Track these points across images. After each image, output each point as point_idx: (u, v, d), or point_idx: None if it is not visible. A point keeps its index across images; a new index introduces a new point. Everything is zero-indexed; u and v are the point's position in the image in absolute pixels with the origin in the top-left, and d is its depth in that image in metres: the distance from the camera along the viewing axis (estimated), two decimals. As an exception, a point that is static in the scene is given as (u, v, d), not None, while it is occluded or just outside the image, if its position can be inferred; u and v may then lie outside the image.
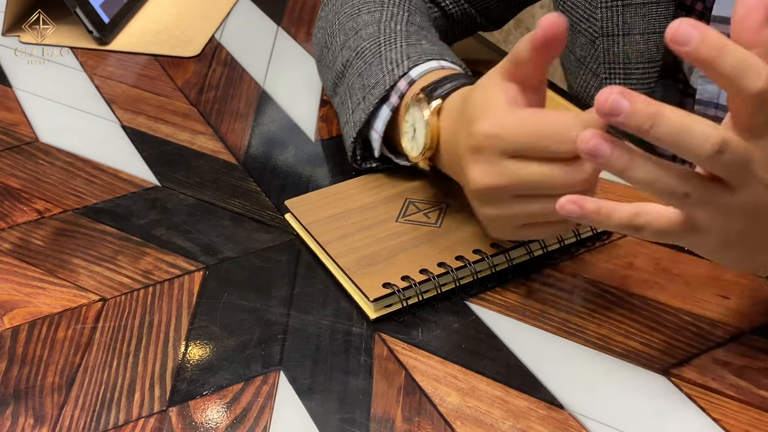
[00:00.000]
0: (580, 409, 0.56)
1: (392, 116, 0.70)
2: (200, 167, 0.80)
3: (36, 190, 0.77)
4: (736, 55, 0.45)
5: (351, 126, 0.72)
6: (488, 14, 0.87)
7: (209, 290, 0.66)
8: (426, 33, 0.76)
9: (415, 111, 0.66)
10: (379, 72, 0.71)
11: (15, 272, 0.68)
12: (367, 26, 0.76)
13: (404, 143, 0.68)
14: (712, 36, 0.45)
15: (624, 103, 0.45)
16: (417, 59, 0.70)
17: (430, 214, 0.69)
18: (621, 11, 0.79)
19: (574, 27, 0.85)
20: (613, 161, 0.47)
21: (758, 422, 0.55)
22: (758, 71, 0.45)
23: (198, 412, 0.57)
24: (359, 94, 0.72)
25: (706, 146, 0.46)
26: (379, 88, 0.70)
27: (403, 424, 0.55)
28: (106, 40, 1.01)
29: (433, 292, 0.64)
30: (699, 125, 0.46)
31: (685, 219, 0.50)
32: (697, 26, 0.45)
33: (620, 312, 0.63)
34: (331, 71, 0.79)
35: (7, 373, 0.60)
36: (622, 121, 0.45)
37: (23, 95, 0.92)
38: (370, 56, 0.73)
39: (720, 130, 0.46)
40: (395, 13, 0.77)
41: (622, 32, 0.80)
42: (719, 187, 0.49)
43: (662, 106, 0.46)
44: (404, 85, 0.70)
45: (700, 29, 0.45)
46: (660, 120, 0.45)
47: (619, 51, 0.81)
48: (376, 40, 0.74)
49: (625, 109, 0.45)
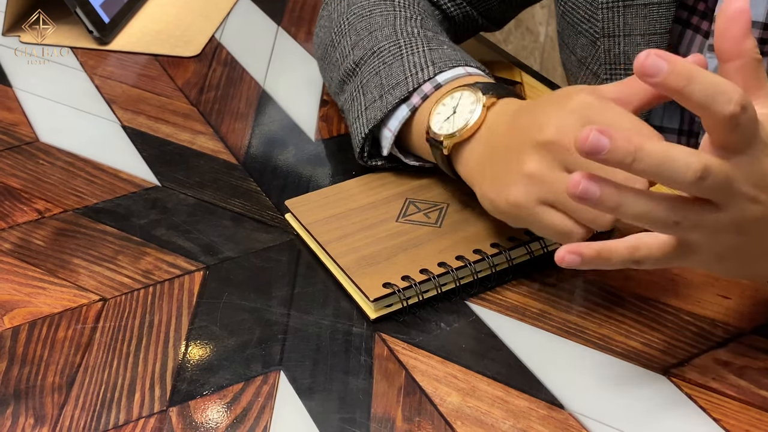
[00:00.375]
0: (581, 409, 0.56)
1: (410, 116, 0.71)
2: (200, 167, 0.80)
3: (36, 190, 0.77)
4: (705, 82, 0.47)
5: (363, 122, 0.73)
6: (490, 15, 0.87)
7: (209, 290, 0.66)
8: (443, 38, 0.76)
9: (468, 95, 0.66)
10: (400, 73, 0.72)
11: (15, 272, 0.68)
12: (383, 28, 0.76)
13: (433, 122, 0.67)
14: (680, 66, 0.46)
15: (604, 141, 0.46)
16: (443, 65, 0.71)
17: (430, 214, 0.69)
18: (622, 12, 0.79)
19: (575, 27, 0.85)
20: (603, 201, 0.49)
21: (759, 422, 0.55)
22: (728, 96, 0.47)
23: (198, 412, 0.57)
24: (375, 93, 0.72)
25: (688, 175, 0.47)
26: (400, 89, 0.71)
27: (403, 424, 0.55)
28: (106, 40, 1.01)
29: (433, 292, 0.64)
30: (680, 155, 0.48)
31: (679, 242, 0.52)
32: (665, 56, 0.46)
33: (620, 312, 0.63)
34: (337, 69, 0.79)
35: (8, 373, 0.60)
36: (603, 159, 0.47)
37: (23, 95, 0.92)
38: (389, 57, 0.73)
39: (701, 157, 0.48)
40: (408, 16, 0.77)
41: (623, 33, 0.80)
42: (707, 209, 0.50)
43: (643, 141, 0.47)
44: (429, 87, 0.70)
45: (668, 59, 0.46)
46: (641, 155, 0.47)
47: (620, 52, 0.81)
48: (395, 42, 0.74)
49: (605, 147, 0.46)
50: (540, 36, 2.04)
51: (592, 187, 0.48)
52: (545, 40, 2.02)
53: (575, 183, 0.49)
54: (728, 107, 0.47)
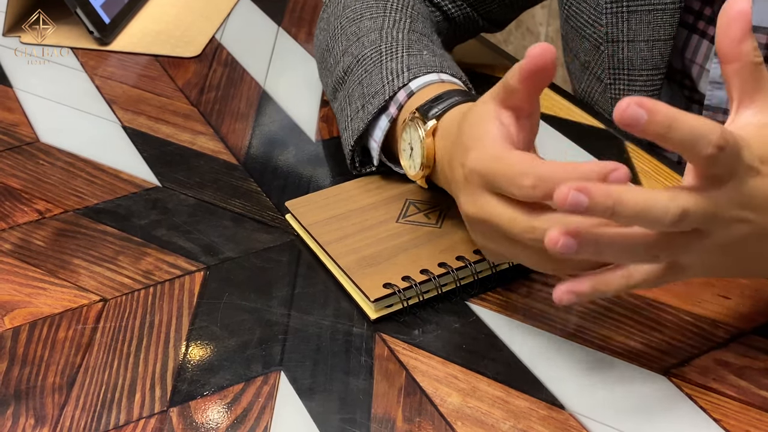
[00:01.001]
0: (581, 409, 0.56)
1: (391, 126, 0.70)
2: (201, 167, 0.80)
3: (37, 190, 0.77)
4: (684, 129, 0.47)
5: (349, 134, 0.73)
6: (490, 16, 0.87)
7: (210, 290, 0.66)
8: (428, 41, 0.75)
9: (412, 131, 0.66)
10: (378, 81, 0.71)
11: (16, 272, 0.68)
12: (369, 33, 0.75)
13: (403, 161, 0.69)
14: (659, 113, 0.46)
15: (582, 199, 0.47)
16: (417, 71, 0.70)
17: (430, 214, 0.69)
18: (626, 18, 0.79)
19: (579, 32, 0.84)
20: (581, 252, 0.49)
21: (759, 422, 0.55)
22: (707, 138, 0.47)
23: (199, 412, 0.57)
24: (358, 103, 0.72)
25: (666, 219, 0.48)
26: (378, 98, 0.70)
27: (403, 424, 0.56)
28: (106, 40, 1.01)
29: (433, 293, 0.64)
30: (658, 202, 0.48)
31: (670, 265, 0.52)
32: (644, 104, 0.46)
33: (620, 312, 0.63)
34: (331, 76, 0.79)
35: (8, 374, 0.60)
36: (584, 213, 0.47)
37: (24, 95, 0.92)
38: (370, 64, 0.73)
39: (678, 200, 0.48)
40: (397, 19, 0.77)
41: (626, 38, 0.80)
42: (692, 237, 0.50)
43: (621, 193, 0.47)
44: (403, 96, 0.70)
45: (647, 107, 0.46)
46: (620, 208, 0.47)
47: (624, 57, 0.81)
48: (377, 48, 0.74)
49: (584, 204, 0.47)
50: (540, 36, 2.04)
51: (570, 241, 0.49)
52: (545, 40, 2.01)
53: (554, 240, 0.49)
54: (708, 149, 0.47)
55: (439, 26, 0.84)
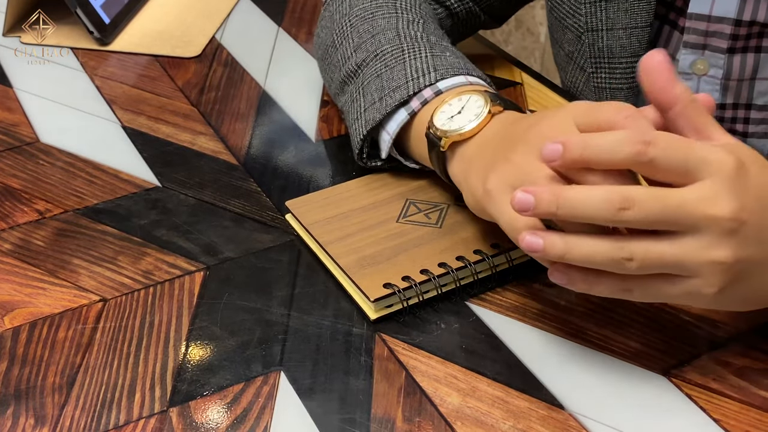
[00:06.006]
0: (581, 409, 0.56)
1: (408, 121, 0.71)
2: (201, 168, 0.80)
3: (37, 190, 0.77)
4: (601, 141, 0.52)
5: (362, 124, 0.73)
6: (492, 11, 0.89)
7: (210, 291, 0.66)
8: (446, 44, 0.77)
9: (477, 98, 0.66)
10: (401, 77, 0.72)
11: (15, 272, 0.68)
12: (385, 31, 0.76)
13: (436, 117, 0.67)
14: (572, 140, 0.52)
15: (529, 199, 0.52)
16: (444, 72, 0.71)
17: (430, 214, 0.69)
18: (604, 6, 0.81)
19: (562, 22, 0.86)
20: (548, 252, 0.53)
21: (759, 423, 0.55)
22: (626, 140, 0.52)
23: (198, 412, 0.57)
24: (375, 95, 0.72)
25: (610, 209, 0.51)
26: (400, 92, 0.71)
27: (403, 424, 0.56)
28: (106, 40, 1.01)
29: (433, 293, 0.64)
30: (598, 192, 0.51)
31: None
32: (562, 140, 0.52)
33: (620, 312, 0.63)
34: (338, 70, 0.79)
35: (8, 374, 0.60)
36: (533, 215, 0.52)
37: (24, 95, 0.92)
38: (392, 60, 0.73)
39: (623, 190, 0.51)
40: (411, 19, 0.78)
41: (605, 27, 0.82)
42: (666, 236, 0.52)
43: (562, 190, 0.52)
44: (430, 93, 0.70)
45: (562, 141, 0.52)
46: (562, 201, 0.51)
47: (604, 45, 0.83)
48: (398, 46, 0.74)
49: (530, 204, 0.52)
50: (540, 36, 2.04)
51: (535, 239, 0.53)
52: (545, 40, 2.02)
53: (521, 238, 0.53)
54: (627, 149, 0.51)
55: (442, 23, 0.85)
